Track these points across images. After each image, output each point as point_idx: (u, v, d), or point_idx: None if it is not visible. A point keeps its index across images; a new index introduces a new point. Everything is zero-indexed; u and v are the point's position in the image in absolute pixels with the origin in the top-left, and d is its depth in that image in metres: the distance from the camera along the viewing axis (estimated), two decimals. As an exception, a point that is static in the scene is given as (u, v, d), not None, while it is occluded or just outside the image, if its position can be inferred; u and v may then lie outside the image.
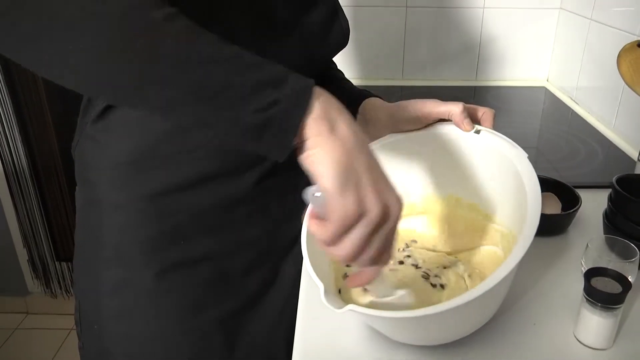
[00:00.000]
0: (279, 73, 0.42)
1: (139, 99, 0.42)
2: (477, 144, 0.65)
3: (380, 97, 0.74)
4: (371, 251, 0.44)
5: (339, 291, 0.58)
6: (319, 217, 0.44)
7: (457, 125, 0.65)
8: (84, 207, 0.65)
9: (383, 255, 0.46)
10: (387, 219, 0.44)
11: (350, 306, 0.48)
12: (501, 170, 0.63)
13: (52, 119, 1.80)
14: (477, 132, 0.65)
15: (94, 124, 0.61)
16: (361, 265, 0.46)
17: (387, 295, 0.55)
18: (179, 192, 0.61)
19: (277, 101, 0.41)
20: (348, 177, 0.42)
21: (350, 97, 0.75)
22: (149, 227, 0.61)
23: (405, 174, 0.70)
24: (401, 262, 0.65)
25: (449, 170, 0.69)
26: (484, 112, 0.66)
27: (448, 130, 0.67)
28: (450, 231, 0.69)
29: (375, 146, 0.68)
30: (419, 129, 0.68)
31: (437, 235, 0.69)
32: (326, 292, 0.49)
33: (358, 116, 0.74)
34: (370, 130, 0.72)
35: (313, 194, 0.44)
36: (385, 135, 0.69)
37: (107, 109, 0.60)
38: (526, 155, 0.60)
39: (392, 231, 0.46)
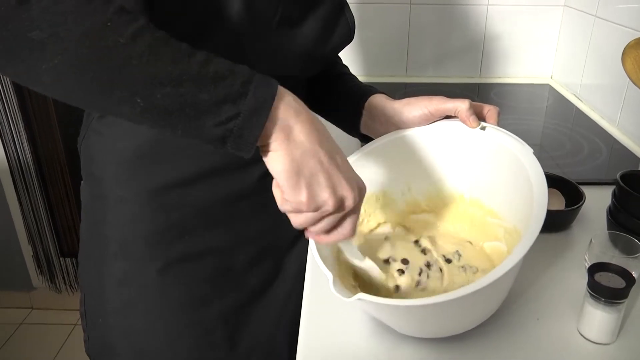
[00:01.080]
0: (242, 84, 0.45)
1: (109, 112, 0.45)
2: (483, 140, 0.65)
3: (386, 94, 0.74)
4: (320, 227, 0.50)
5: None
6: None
7: (463, 122, 0.66)
8: (89, 201, 0.66)
9: (338, 230, 0.51)
10: (342, 209, 0.49)
11: (360, 295, 0.48)
12: (507, 166, 0.63)
13: (56, 115, 1.81)
14: (483, 128, 0.65)
15: (100, 119, 0.62)
16: (311, 235, 0.52)
17: (356, 258, 0.58)
18: (183, 186, 0.61)
19: (237, 115, 0.44)
20: (299, 178, 0.47)
21: (356, 93, 0.76)
22: (154, 222, 0.61)
23: (410, 170, 0.70)
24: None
25: (454, 166, 0.69)
26: (489, 110, 0.66)
27: (453, 126, 0.67)
28: (455, 227, 0.69)
29: (381, 142, 0.68)
30: (424, 126, 0.68)
31: (441, 232, 0.70)
32: (334, 281, 0.50)
33: (364, 112, 0.74)
34: (377, 126, 0.72)
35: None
36: (391, 131, 0.69)
37: None
38: (531, 150, 0.60)
39: (350, 214, 0.51)
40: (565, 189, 0.79)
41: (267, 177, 0.65)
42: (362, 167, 0.65)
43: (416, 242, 0.67)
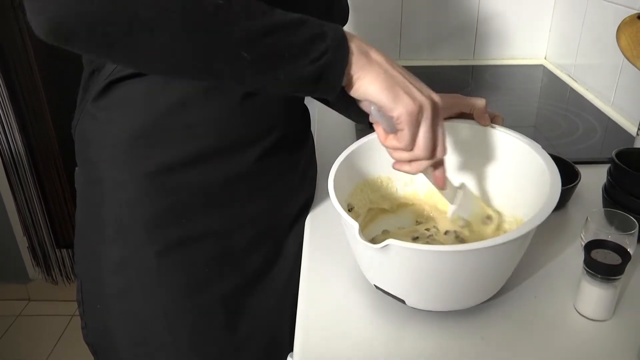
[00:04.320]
0: (318, 27, 0.50)
1: (216, 75, 0.49)
2: (488, 141, 0.69)
3: None
4: (439, 140, 0.55)
5: None
6: (388, 132, 0.55)
7: (477, 119, 0.69)
8: (85, 186, 0.65)
9: (444, 144, 0.56)
10: (437, 107, 0.54)
11: (389, 241, 0.49)
12: (513, 161, 0.67)
13: (48, 106, 1.79)
14: (492, 127, 0.69)
15: (95, 102, 0.61)
16: (436, 155, 0.55)
17: (455, 197, 0.64)
18: (181, 168, 0.61)
19: (327, 50, 0.49)
20: (394, 87, 0.52)
21: None
22: (151, 205, 0.61)
23: None
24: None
25: (457, 164, 0.72)
26: (495, 116, 0.71)
27: (462, 127, 0.70)
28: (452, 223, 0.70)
29: None
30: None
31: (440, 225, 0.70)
32: (360, 231, 0.52)
33: None
34: None
35: (376, 111, 0.54)
36: None
37: (108, 86, 0.60)
38: (539, 145, 0.64)
39: (441, 120, 0.56)
40: (561, 168, 0.78)
41: (265, 159, 0.66)
42: (372, 151, 0.66)
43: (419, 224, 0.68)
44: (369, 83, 0.51)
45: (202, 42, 0.46)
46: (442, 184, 0.60)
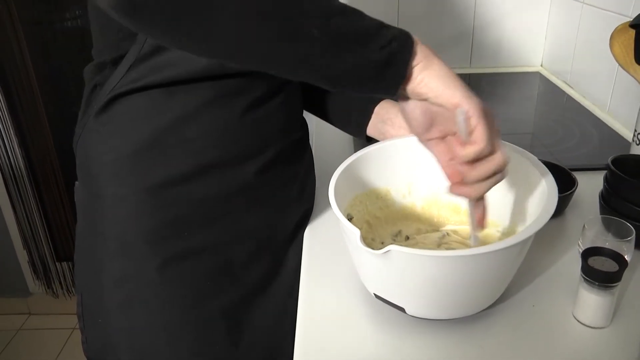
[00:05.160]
0: (376, 19, 0.49)
1: (283, 58, 0.48)
2: None
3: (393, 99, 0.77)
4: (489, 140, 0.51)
5: None
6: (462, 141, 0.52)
7: None
8: (86, 200, 0.66)
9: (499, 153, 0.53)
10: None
11: (391, 247, 0.49)
12: (513, 170, 0.66)
13: (47, 119, 1.80)
14: None
15: (97, 117, 0.61)
16: (505, 162, 0.53)
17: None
18: (180, 183, 0.61)
19: (394, 38, 0.49)
20: (455, 81, 0.50)
21: (365, 97, 0.77)
22: (152, 219, 0.61)
23: (413, 174, 0.71)
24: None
25: None
26: None
27: None
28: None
29: (389, 143, 0.70)
30: None
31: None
32: (361, 238, 0.52)
33: (373, 116, 0.76)
34: (388, 128, 0.75)
35: (462, 116, 0.50)
36: (401, 134, 0.72)
37: (110, 102, 0.60)
38: (535, 157, 0.65)
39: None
40: (558, 175, 0.78)
41: (264, 172, 0.66)
42: (371, 163, 0.67)
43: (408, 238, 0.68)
44: (435, 76, 0.50)
45: (274, 16, 0.45)
46: (483, 223, 0.57)
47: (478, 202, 0.56)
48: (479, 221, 0.57)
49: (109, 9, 0.43)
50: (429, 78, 0.50)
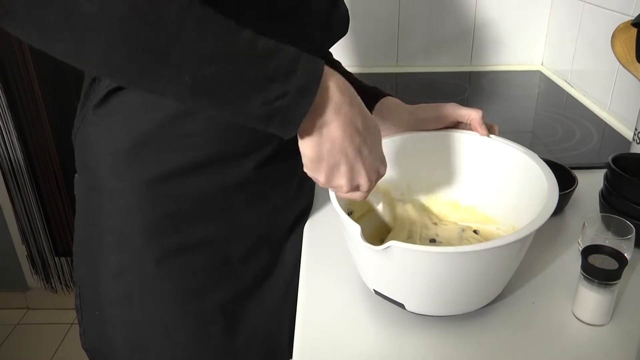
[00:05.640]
0: (289, 63, 0.45)
1: (155, 90, 0.45)
2: (485, 150, 0.70)
3: (393, 95, 0.78)
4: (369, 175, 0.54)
5: None
6: None
7: (475, 129, 0.70)
8: (85, 193, 0.65)
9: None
10: (356, 190, 0.55)
11: (391, 242, 0.50)
12: (509, 170, 0.67)
13: (47, 114, 1.79)
14: (489, 137, 0.70)
15: (95, 110, 0.61)
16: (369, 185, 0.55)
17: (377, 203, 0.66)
18: (179, 176, 0.61)
19: (285, 94, 0.44)
20: (321, 166, 0.51)
21: (366, 94, 0.77)
22: (150, 212, 0.61)
23: (412, 172, 0.72)
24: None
25: (453, 174, 0.73)
26: (491, 126, 0.71)
27: (458, 136, 0.71)
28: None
29: (389, 140, 0.70)
30: (433, 131, 0.71)
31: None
32: (361, 233, 0.52)
33: (374, 113, 0.76)
34: (388, 126, 0.75)
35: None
36: (401, 132, 0.72)
37: (109, 94, 0.60)
38: (535, 154, 0.65)
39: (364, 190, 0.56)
40: (558, 174, 0.78)
41: (263, 168, 0.66)
42: None
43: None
44: (306, 144, 0.50)
45: (142, 54, 0.41)
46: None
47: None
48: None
49: None
50: (308, 144, 0.50)
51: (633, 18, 0.81)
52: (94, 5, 0.39)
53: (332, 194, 0.58)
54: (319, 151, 0.50)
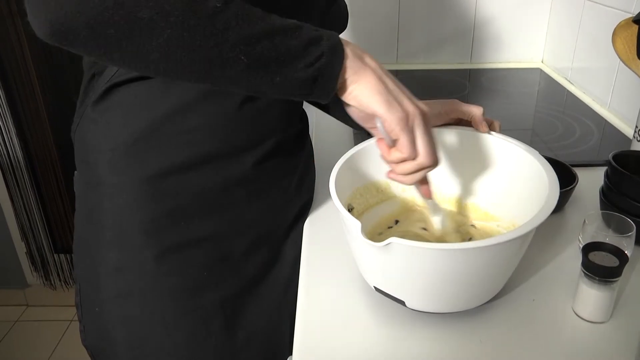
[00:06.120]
0: (315, 31, 0.51)
1: (212, 78, 0.49)
2: (486, 147, 0.70)
3: None
4: (434, 147, 0.55)
5: None
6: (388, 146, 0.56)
7: (476, 126, 0.70)
8: (84, 190, 0.65)
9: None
10: (426, 117, 0.55)
11: (392, 239, 0.50)
12: (509, 167, 0.67)
13: (46, 111, 1.79)
14: (490, 134, 0.70)
15: (95, 106, 0.61)
16: (434, 162, 0.56)
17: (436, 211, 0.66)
18: (178, 173, 0.61)
19: (321, 55, 0.50)
20: (386, 93, 0.53)
21: None
22: (149, 209, 0.61)
23: None
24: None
25: (454, 171, 0.72)
26: (492, 122, 0.72)
27: (463, 131, 0.71)
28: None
29: None
30: (436, 127, 0.71)
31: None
32: (362, 230, 0.52)
33: None
34: None
35: (380, 125, 0.54)
36: None
37: (108, 90, 0.60)
38: (536, 151, 0.65)
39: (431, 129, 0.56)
40: (558, 171, 0.78)
41: (263, 164, 0.66)
42: (372, 156, 0.67)
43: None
44: (362, 88, 0.53)
45: (201, 44, 0.46)
46: (429, 194, 0.63)
47: (422, 182, 0.61)
48: (425, 194, 0.62)
49: (43, 37, 0.45)
50: (358, 92, 0.53)
51: (634, 15, 0.81)
52: (150, 10, 0.44)
53: (332, 190, 0.58)
54: (375, 82, 0.52)
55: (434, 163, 0.56)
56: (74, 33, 0.44)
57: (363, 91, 0.53)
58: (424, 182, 0.61)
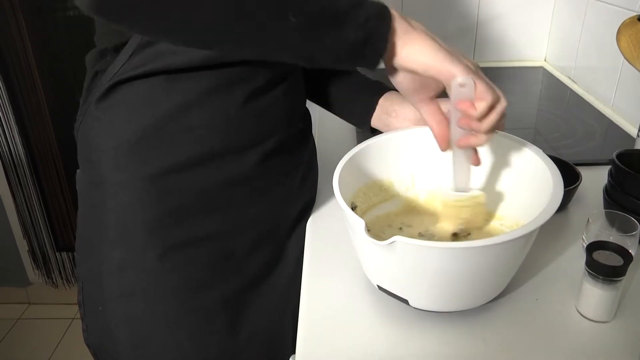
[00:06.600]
0: None
1: (260, 42, 0.49)
2: (495, 143, 0.68)
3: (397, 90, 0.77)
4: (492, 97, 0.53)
5: None
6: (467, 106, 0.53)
7: None
8: (87, 188, 0.65)
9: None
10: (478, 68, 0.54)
11: (396, 237, 0.49)
12: (513, 165, 0.67)
13: (48, 108, 1.79)
14: (495, 132, 0.68)
15: (98, 104, 0.61)
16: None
17: (464, 190, 0.63)
18: (181, 171, 0.61)
19: (370, 16, 0.49)
20: (445, 52, 0.51)
21: (370, 88, 0.77)
22: (152, 207, 0.61)
23: (417, 167, 0.71)
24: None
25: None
26: None
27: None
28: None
29: (394, 134, 0.69)
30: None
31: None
32: (366, 228, 0.52)
33: (378, 107, 0.75)
34: (392, 120, 0.76)
35: (458, 85, 0.52)
36: (405, 126, 0.73)
37: (111, 88, 0.60)
38: (540, 149, 0.64)
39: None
40: (562, 170, 0.78)
41: (266, 162, 0.66)
42: (375, 154, 0.67)
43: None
44: (418, 49, 0.51)
45: (250, 4, 0.46)
46: (478, 161, 0.61)
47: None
48: (476, 161, 0.61)
49: (85, 9, 0.45)
50: (414, 53, 0.51)
51: (638, 13, 0.81)
52: None
53: (336, 188, 0.58)
54: (428, 41, 0.51)
55: (503, 99, 0.55)
56: (117, 8, 0.44)
57: (422, 51, 0.51)
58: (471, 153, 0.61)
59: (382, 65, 0.55)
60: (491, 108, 0.53)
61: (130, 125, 0.60)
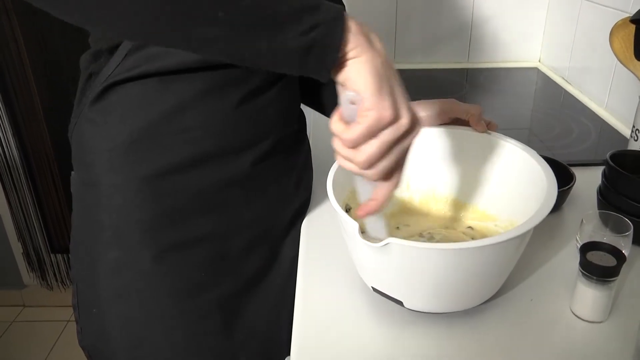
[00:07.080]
0: (311, 1, 0.45)
1: (186, 37, 0.44)
2: (483, 147, 0.70)
3: None
4: (388, 161, 0.48)
5: None
6: (346, 122, 0.47)
7: (473, 125, 0.69)
8: (81, 190, 0.65)
9: (395, 172, 0.50)
10: (412, 130, 0.48)
11: (389, 239, 0.49)
12: (507, 166, 0.67)
13: (42, 110, 1.79)
14: (488, 133, 0.70)
15: (92, 106, 0.61)
16: (374, 176, 0.48)
17: (379, 238, 0.54)
18: (176, 172, 0.61)
19: (317, 24, 0.44)
20: (385, 83, 0.45)
21: None
22: (147, 208, 0.61)
23: (412, 168, 0.72)
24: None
25: (451, 171, 0.72)
26: (489, 123, 0.71)
27: (461, 130, 0.71)
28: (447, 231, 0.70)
29: None
30: (432, 127, 0.71)
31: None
32: (359, 230, 0.52)
33: None
34: None
35: (347, 100, 0.46)
36: None
37: (105, 90, 0.60)
38: (534, 151, 0.65)
39: (409, 148, 0.49)
40: (556, 171, 0.78)
41: (261, 163, 0.66)
42: None
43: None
44: (359, 65, 0.45)
45: None
46: (483, 127, 0.57)
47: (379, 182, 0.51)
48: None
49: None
50: (353, 73, 0.46)
51: (631, 14, 0.81)
52: None
53: (330, 191, 0.58)
54: (376, 65, 0.45)
55: (365, 165, 0.47)
56: None
57: (359, 73, 0.45)
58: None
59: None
60: (373, 132, 0.46)
61: (124, 127, 0.60)
